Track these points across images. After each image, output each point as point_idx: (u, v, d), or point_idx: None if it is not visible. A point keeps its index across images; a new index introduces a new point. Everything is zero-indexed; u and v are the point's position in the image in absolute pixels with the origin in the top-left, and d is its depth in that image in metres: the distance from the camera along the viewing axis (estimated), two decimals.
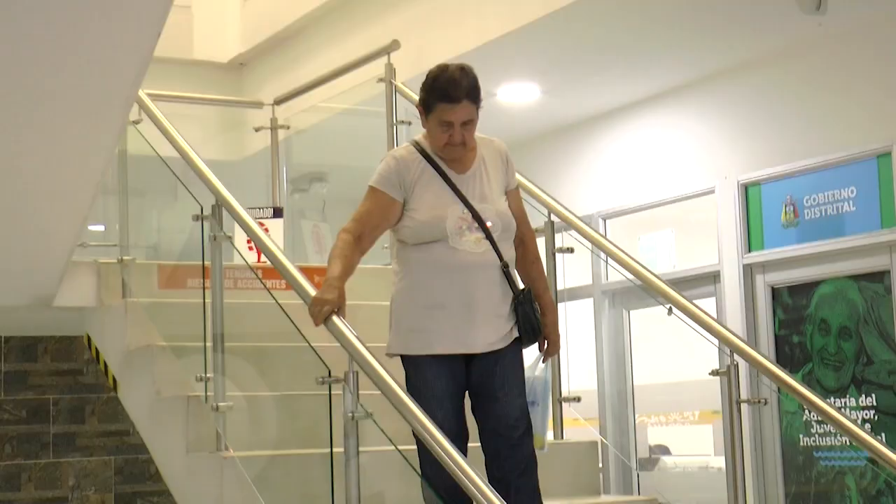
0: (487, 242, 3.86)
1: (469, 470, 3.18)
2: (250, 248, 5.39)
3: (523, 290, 3.92)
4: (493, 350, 3.85)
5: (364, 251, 3.96)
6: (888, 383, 6.01)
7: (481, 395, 3.86)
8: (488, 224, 3.87)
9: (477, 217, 3.86)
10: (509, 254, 3.93)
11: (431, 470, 3.56)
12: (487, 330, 3.85)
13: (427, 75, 3.91)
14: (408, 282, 3.90)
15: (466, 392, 3.89)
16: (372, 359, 3.51)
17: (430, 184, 3.90)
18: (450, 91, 3.83)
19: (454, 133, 3.85)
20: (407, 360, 3.88)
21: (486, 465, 3.83)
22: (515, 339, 3.90)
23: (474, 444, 3.88)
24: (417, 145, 3.97)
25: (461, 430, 3.84)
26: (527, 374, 4.01)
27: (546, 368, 4.12)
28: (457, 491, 3.25)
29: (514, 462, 3.82)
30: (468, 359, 3.86)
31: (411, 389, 3.70)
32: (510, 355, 3.90)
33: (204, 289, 4.62)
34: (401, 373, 3.81)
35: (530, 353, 4.05)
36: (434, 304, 3.83)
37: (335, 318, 3.66)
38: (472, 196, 3.90)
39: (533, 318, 3.90)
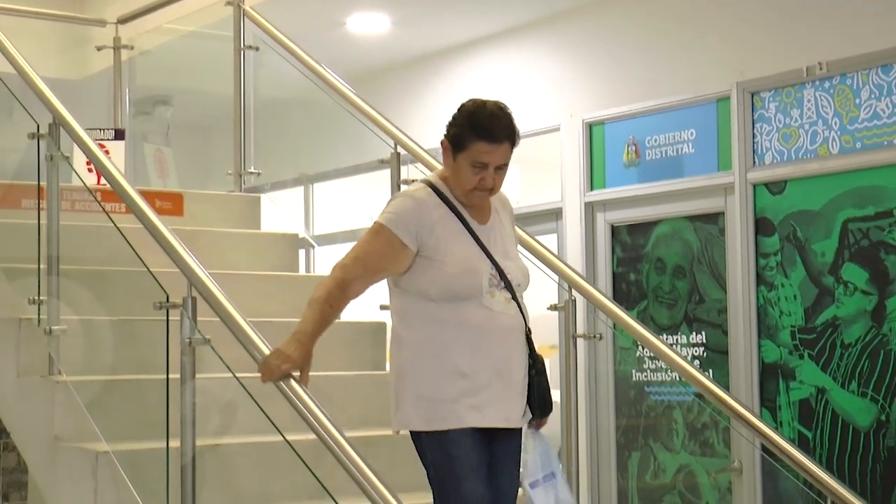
0: (514, 304, 3.50)
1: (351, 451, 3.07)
2: (90, 170, 5.28)
3: (539, 358, 3.55)
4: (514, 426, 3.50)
5: (353, 297, 3.44)
6: (718, 322, 6.21)
7: (490, 470, 3.48)
8: (514, 283, 3.51)
9: (503, 276, 3.48)
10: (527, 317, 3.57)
11: None
12: (519, 402, 3.49)
13: (460, 108, 3.55)
14: (431, 345, 3.41)
15: None
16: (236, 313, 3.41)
17: (456, 234, 3.46)
18: (493, 129, 3.46)
19: (486, 177, 3.46)
20: (434, 436, 3.39)
21: None
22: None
23: None
24: (434, 187, 3.52)
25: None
26: (531, 450, 3.62)
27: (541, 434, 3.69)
28: None
29: None
30: (487, 431, 3.46)
31: (438, 466, 3.35)
32: (519, 433, 3.56)
33: (39, 210, 4.50)
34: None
35: None
36: (468, 371, 3.39)
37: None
38: (496, 251, 3.52)
39: (548, 391, 3.54)
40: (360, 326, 5.07)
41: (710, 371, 6.14)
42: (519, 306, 3.52)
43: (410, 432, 3.45)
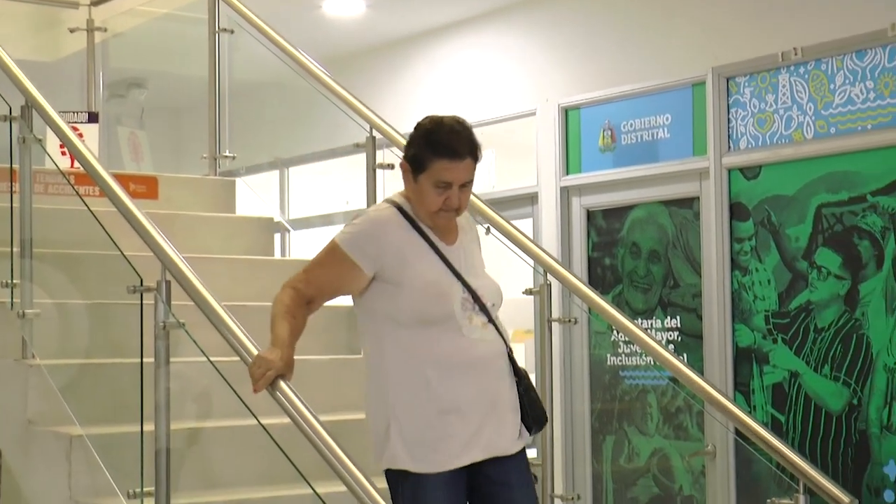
0: (492, 326, 3.36)
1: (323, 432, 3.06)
2: (63, 153, 5.24)
3: (525, 374, 3.43)
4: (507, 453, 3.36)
5: (311, 312, 3.37)
6: (692, 306, 6.23)
7: (501, 488, 3.37)
8: (489, 304, 3.38)
9: (476, 297, 3.34)
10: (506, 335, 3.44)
11: None
12: (507, 427, 3.35)
13: (416, 128, 3.40)
14: (409, 379, 3.27)
15: None
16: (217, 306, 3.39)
17: (423, 255, 3.33)
18: (455, 146, 3.32)
19: (451, 196, 3.32)
20: (410, 479, 3.25)
21: None
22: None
23: None
24: (399, 207, 3.38)
25: None
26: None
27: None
28: None
29: None
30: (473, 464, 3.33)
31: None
32: (521, 456, 3.43)
33: (12, 193, 4.48)
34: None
35: None
36: (452, 407, 3.25)
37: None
38: (466, 271, 3.37)
39: (540, 404, 3.44)
40: (335, 310, 5.05)
41: (685, 355, 6.16)
42: (496, 328, 3.41)
43: (387, 470, 3.33)
